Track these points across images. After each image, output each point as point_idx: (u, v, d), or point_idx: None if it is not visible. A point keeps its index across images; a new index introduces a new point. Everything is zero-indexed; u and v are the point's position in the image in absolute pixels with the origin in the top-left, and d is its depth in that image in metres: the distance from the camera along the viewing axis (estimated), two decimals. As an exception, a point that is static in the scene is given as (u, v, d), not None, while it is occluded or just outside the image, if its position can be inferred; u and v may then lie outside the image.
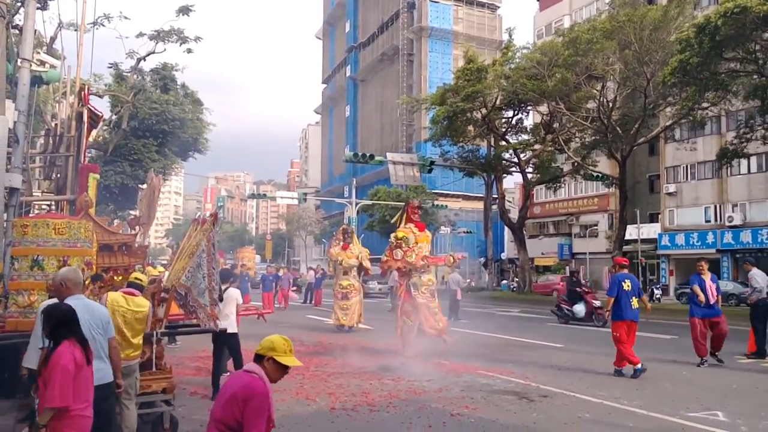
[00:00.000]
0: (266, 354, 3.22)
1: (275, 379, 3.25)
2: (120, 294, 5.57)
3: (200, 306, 6.54)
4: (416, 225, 12.24)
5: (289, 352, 3.25)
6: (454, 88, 31.50)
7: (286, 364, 3.23)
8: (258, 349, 3.25)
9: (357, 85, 78.32)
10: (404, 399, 7.63)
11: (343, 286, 15.83)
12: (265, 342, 3.27)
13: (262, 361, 3.22)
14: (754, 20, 17.06)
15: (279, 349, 3.22)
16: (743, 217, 32.62)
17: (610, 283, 9.92)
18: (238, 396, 3.09)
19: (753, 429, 6.29)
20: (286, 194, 50.29)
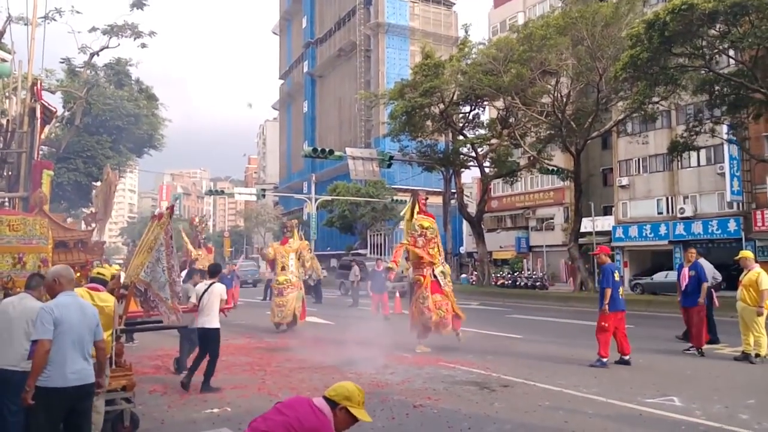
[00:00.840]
0: (341, 402, 3.09)
1: (342, 429, 3.12)
2: (84, 289, 5.48)
3: (161, 300, 6.41)
4: (427, 215, 12.12)
5: (362, 405, 3.13)
6: (411, 84, 31.56)
7: (358, 417, 3.11)
8: (333, 395, 3.11)
9: (315, 81, 77.81)
10: (367, 392, 7.50)
11: (279, 282, 14.82)
12: (340, 389, 3.14)
13: (334, 407, 3.09)
14: (701, 17, 17.53)
15: (355, 399, 3.11)
16: (694, 208, 33.69)
17: (604, 274, 9.84)
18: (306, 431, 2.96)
19: (706, 412, 6.49)
20: (244, 191, 49.68)
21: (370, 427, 6.01)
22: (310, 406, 3.08)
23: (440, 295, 11.38)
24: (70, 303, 4.36)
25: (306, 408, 3.06)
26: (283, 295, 14.61)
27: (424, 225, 11.68)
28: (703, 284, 10.49)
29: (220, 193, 48.81)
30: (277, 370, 9.20)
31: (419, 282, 11.51)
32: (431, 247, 11.57)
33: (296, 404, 3.10)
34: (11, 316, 4.84)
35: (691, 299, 10.62)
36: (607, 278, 9.69)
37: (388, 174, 52.20)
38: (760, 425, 5.98)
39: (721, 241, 32.07)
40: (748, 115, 22.44)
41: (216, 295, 8.20)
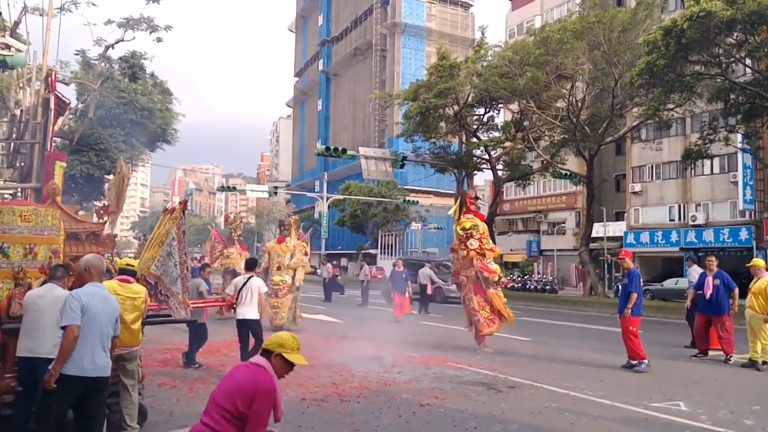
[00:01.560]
0: (275, 350, 3.27)
1: (281, 375, 3.31)
2: (116, 282, 5.60)
3: (172, 294, 6.51)
4: (476, 215, 12.02)
5: (296, 350, 3.32)
6: (426, 85, 31.59)
7: (293, 362, 3.29)
8: (266, 345, 3.30)
9: (329, 79, 78.04)
10: (375, 390, 7.69)
11: (274, 283, 14.16)
12: (274, 338, 3.33)
13: (270, 356, 3.26)
14: (718, 24, 17.49)
15: (288, 346, 3.29)
16: (706, 216, 33.48)
17: (632, 279, 9.81)
18: (246, 388, 3.14)
19: (712, 417, 6.51)
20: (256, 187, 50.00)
21: (376, 425, 6.10)
22: (246, 365, 3.29)
23: (482, 296, 11.35)
24: (96, 293, 4.38)
25: (241, 369, 3.28)
26: (278, 296, 14.09)
27: (466, 227, 11.52)
28: (734, 290, 10.48)
29: (232, 190, 49.03)
30: (286, 365, 9.27)
31: (464, 283, 11.55)
32: (485, 243, 11.48)
33: (235, 371, 3.32)
34: (41, 307, 4.87)
35: (715, 307, 10.53)
36: (635, 283, 9.71)
37: (400, 174, 52.28)
38: (764, 431, 6.00)
39: (732, 250, 31.84)
40: (763, 124, 22.32)
41: (255, 288, 8.82)
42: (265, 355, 3.29)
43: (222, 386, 3.26)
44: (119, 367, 5.45)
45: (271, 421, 3.38)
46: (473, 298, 11.34)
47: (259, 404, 3.11)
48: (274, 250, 14.59)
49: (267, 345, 3.31)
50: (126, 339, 5.38)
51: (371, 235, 51.50)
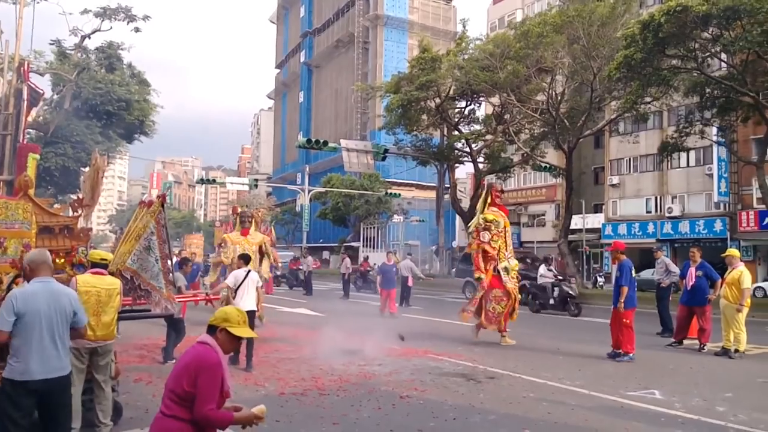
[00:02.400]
0: (219, 325, 3.23)
1: (228, 350, 3.28)
2: (90, 275, 5.52)
3: (154, 289, 6.44)
4: (500, 208, 12.00)
5: (242, 324, 3.28)
6: (408, 77, 31.57)
7: (239, 335, 3.25)
8: (211, 320, 3.26)
9: (311, 71, 77.62)
10: (354, 383, 7.72)
11: None
12: (218, 313, 3.28)
13: (215, 332, 3.24)
14: (694, 19, 17.69)
15: (232, 320, 3.24)
16: (682, 208, 33.99)
17: (623, 271, 9.84)
18: (190, 366, 3.11)
19: (686, 405, 6.65)
20: (237, 180, 49.67)
21: (356, 418, 6.13)
22: (192, 346, 3.25)
23: (500, 290, 11.34)
24: (39, 290, 4.13)
25: (189, 350, 3.24)
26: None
27: (488, 218, 11.56)
28: (717, 282, 10.64)
29: (212, 182, 48.65)
30: (265, 360, 9.26)
31: (483, 279, 11.55)
32: (494, 240, 11.47)
33: (183, 354, 3.30)
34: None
35: (698, 298, 10.70)
36: (627, 275, 9.74)
37: (382, 167, 52.23)
38: (735, 417, 6.14)
39: (707, 241, 32.36)
40: (737, 118, 22.70)
41: (254, 282, 9.26)
42: (210, 331, 3.24)
43: (172, 371, 3.24)
44: (92, 362, 5.37)
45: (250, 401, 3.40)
46: (491, 290, 11.40)
47: (203, 380, 3.06)
48: (236, 242, 13.72)
49: (212, 320, 3.26)
50: (101, 333, 5.31)
51: (353, 228, 51.46)
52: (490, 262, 11.43)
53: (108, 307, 5.43)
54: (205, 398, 3.06)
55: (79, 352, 5.21)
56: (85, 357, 5.30)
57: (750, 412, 6.33)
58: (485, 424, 5.97)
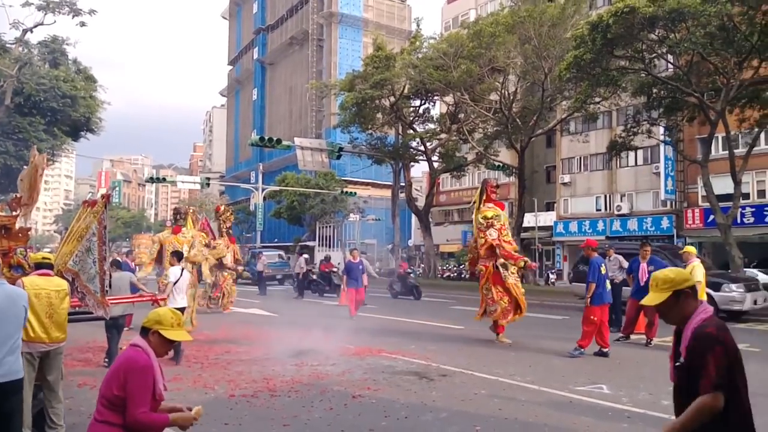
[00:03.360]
0: (152, 327, 3.13)
1: (161, 353, 3.18)
2: (37, 276, 5.31)
3: (90, 293, 6.19)
4: (496, 204, 11.91)
5: (176, 326, 3.17)
6: (363, 75, 31.55)
7: (171, 339, 3.15)
8: (144, 322, 3.15)
9: (265, 69, 76.65)
10: (306, 383, 7.61)
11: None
12: (151, 315, 3.18)
13: (147, 334, 3.13)
14: (641, 21, 18.17)
15: (165, 322, 3.14)
16: (630, 206, 34.95)
17: (591, 268, 9.87)
18: (119, 370, 3.01)
19: (632, 399, 6.78)
20: (188, 179, 48.56)
21: (307, 419, 6.03)
22: (129, 345, 3.18)
23: (501, 287, 11.31)
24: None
25: (125, 349, 3.18)
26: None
27: (488, 216, 11.47)
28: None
29: (162, 181, 47.32)
30: (215, 362, 9.07)
31: (482, 273, 11.54)
32: (505, 235, 11.44)
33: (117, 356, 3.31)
34: None
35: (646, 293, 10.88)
36: (593, 272, 9.78)
37: (338, 166, 51.95)
38: (680, 411, 6.29)
39: (655, 238, 33.34)
40: (683, 117, 23.40)
41: (185, 280, 9.66)
42: (143, 333, 3.15)
43: (105, 375, 3.14)
44: (44, 365, 5.22)
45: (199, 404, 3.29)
46: (492, 288, 11.36)
47: (132, 383, 2.98)
48: (168, 241, 13.04)
49: (145, 323, 3.17)
50: (54, 335, 5.19)
51: (309, 227, 51.06)
52: (491, 259, 11.40)
53: (60, 308, 5.29)
54: (136, 402, 2.97)
55: (32, 356, 5.07)
56: (36, 360, 5.15)
57: (693, 404, 6.49)
58: (437, 422, 5.95)
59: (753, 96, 20.96)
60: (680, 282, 2.75)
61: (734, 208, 20.86)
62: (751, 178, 28.41)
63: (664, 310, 2.79)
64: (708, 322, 2.63)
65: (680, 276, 2.78)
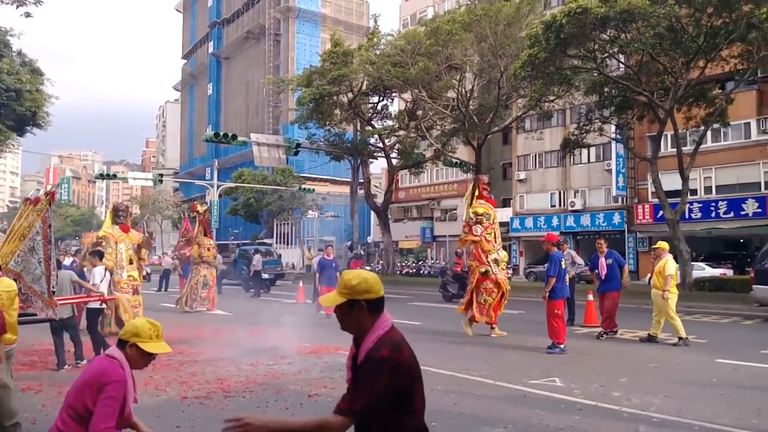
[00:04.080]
0: (129, 339, 3.04)
1: (139, 366, 3.11)
2: None
3: (36, 294, 5.98)
4: (487, 201, 11.99)
5: (155, 338, 3.08)
6: (320, 71, 31.32)
7: (150, 351, 3.07)
8: (121, 334, 3.08)
9: (220, 63, 75.36)
10: (262, 383, 7.51)
11: (133, 278, 12.47)
12: (129, 326, 3.10)
13: (125, 346, 3.04)
14: (593, 21, 18.54)
15: (144, 335, 3.05)
16: (583, 202, 35.76)
17: (551, 263, 9.97)
18: (93, 382, 2.91)
19: (584, 391, 6.92)
20: (140, 175, 47.26)
21: (262, 418, 5.94)
22: (99, 358, 3.13)
23: (491, 282, 11.45)
24: None
25: (94, 361, 3.15)
26: (138, 293, 12.54)
27: (478, 212, 11.67)
28: (624, 266, 11.13)
29: (113, 178, 45.96)
30: (167, 363, 8.85)
31: (472, 269, 11.71)
32: (489, 233, 11.55)
33: (89, 365, 3.19)
34: None
35: (610, 285, 11.11)
36: (554, 267, 9.88)
37: (296, 162, 51.54)
38: (629, 401, 6.46)
39: (607, 233, 34.16)
40: (633, 116, 24.03)
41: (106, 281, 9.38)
42: (120, 345, 3.07)
43: (73, 384, 3.03)
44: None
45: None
46: (482, 282, 11.54)
47: (104, 396, 2.89)
48: (120, 240, 12.50)
49: (122, 335, 3.08)
50: (8, 336, 5.05)
51: (266, 224, 50.52)
52: (483, 255, 11.63)
53: (11, 309, 5.13)
54: (103, 416, 2.87)
55: None
56: None
57: (642, 396, 6.68)
58: (393, 420, 5.95)
59: (700, 95, 21.67)
60: (359, 292, 2.41)
61: (682, 203, 21.53)
62: (698, 174, 29.39)
63: (339, 316, 2.48)
64: (381, 343, 2.36)
65: (362, 286, 2.43)
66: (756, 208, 28.27)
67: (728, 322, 13.32)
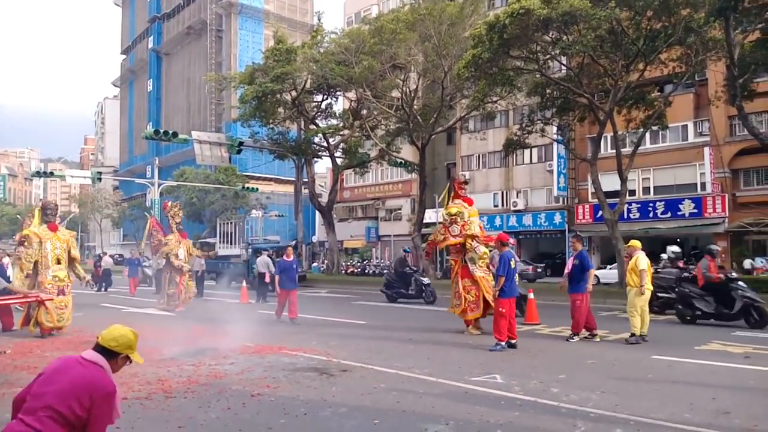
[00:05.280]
0: (123, 351, 3.10)
1: (116, 371, 3.14)
2: None
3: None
4: (464, 200, 11.98)
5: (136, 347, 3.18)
6: (263, 68, 30.89)
7: (137, 361, 3.19)
8: (114, 346, 3.09)
9: (161, 59, 73.37)
10: (204, 383, 7.34)
11: (59, 278, 12.05)
12: (120, 338, 3.13)
13: (115, 357, 3.08)
14: (536, 22, 18.82)
15: (135, 346, 3.16)
16: (525, 202, 36.58)
17: (501, 262, 9.98)
18: (86, 390, 2.89)
19: (524, 388, 7.06)
20: (78, 173, 45.53)
21: (203, 420, 5.83)
22: (80, 363, 3.05)
23: (469, 280, 11.43)
24: None
25: (77, 367, 3.02)
26: (65, 294, 12.09)
27: (451, 212, 11.75)
28: (590, 270, 10.71)
29: (50, 175, 44.10)
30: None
31: (452, 267, 11.82)
32: (467, 228, 11.55)
33: (64, 367, 3.02)
34: None
35: (572, 286, 10.80)
36: (504, 266, 9.93)
37: (239, 160, 50.72)
38: (567, 397, 6.63)
39: (548, 233, 35.19)
40: (574, 117, 24.62)
41: None
42: (107, 354, 3.07)
43: (50, 383, 2.93)
44: None
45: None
46: (460, 281, 11.59)
47: (101, 409, 2.90)
48: (47, 239, 12.08)
49: (114, 346, 3.09)
50: None
51: (209, 224, 49.49)
52: (458, 255, 11.74)
53: None
54: (101, 428, 2.92)
55: None
56: None
57: (580, 392, 6.86)
58: (335, 418, 5.93)
59: (639, 98, 22.37)
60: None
61: (621, 204, 22.17)
62: (637, 175, 30.51)
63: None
64: None
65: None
66: (692, 208, 29.56)
67: (664, 319, 13.84)
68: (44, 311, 11.39)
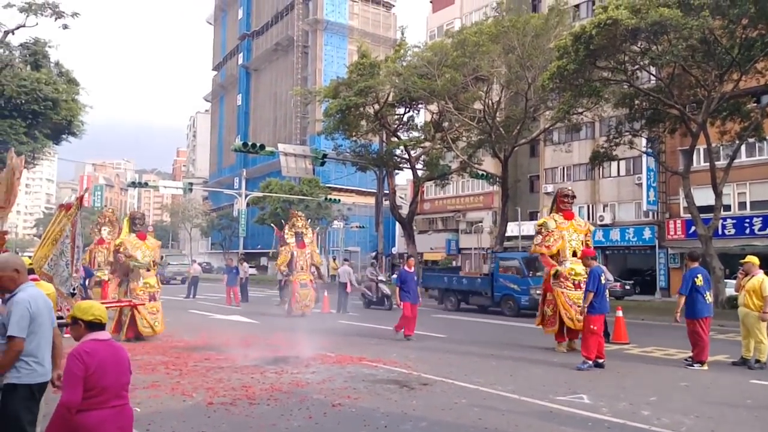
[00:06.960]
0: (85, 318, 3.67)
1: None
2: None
3: (62, 296, 6.08)
4: (564, 213, 12.12)
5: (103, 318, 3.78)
6: (347, 82, 31.45)
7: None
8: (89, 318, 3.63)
9: (250, 74, 76.42)
10: (286, 391, 7.51)
11: (150, 285, 12.60)
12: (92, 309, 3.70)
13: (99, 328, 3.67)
14: (624, 32, 18.30)
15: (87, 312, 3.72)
16: (613, 216, 35.21)
17: (591, 277, 9.71)
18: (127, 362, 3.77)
19: (612, 409, 6.77)
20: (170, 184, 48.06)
21: (285, 427, 5.95)
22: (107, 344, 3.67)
23: (551, 294, 11.46)
24: (36, 293, 4.07)
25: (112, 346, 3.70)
26: (156, 299, 12.63)
27: (539, 224, 12.11)
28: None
29: (144, 186, 46.83)
30: (194, 369, 8.93)
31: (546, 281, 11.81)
32: (547, 240, 11.68)
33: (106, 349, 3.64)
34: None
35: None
36: (594, 281, 9.65)
37: (322, 172, 51.84)
38: (659, 420, 6.30)
39: (637, 248, 33.68)
40: (665, 129, 23.62)
41: None
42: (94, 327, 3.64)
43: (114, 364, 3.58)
44: None
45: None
46: (545, 294, 11.75)
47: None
48: (137, 248, 12.57)
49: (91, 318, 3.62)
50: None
51: (292, 234, 50.80)
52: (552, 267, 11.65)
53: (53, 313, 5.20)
54: None
55: None
56: None
57: (672, 415, 6.51)
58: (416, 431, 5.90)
59: (734, 109, 21.22)
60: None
61: (715, 219, 21.05)
62: (732, 189, 28.76)
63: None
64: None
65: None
66: (792, 224, 27.56)
67: (762, 340, 12.91)
68: (140, 318, 12.03)
